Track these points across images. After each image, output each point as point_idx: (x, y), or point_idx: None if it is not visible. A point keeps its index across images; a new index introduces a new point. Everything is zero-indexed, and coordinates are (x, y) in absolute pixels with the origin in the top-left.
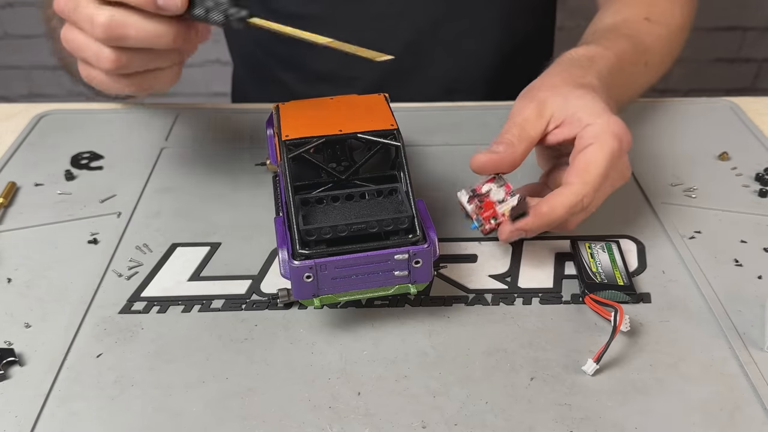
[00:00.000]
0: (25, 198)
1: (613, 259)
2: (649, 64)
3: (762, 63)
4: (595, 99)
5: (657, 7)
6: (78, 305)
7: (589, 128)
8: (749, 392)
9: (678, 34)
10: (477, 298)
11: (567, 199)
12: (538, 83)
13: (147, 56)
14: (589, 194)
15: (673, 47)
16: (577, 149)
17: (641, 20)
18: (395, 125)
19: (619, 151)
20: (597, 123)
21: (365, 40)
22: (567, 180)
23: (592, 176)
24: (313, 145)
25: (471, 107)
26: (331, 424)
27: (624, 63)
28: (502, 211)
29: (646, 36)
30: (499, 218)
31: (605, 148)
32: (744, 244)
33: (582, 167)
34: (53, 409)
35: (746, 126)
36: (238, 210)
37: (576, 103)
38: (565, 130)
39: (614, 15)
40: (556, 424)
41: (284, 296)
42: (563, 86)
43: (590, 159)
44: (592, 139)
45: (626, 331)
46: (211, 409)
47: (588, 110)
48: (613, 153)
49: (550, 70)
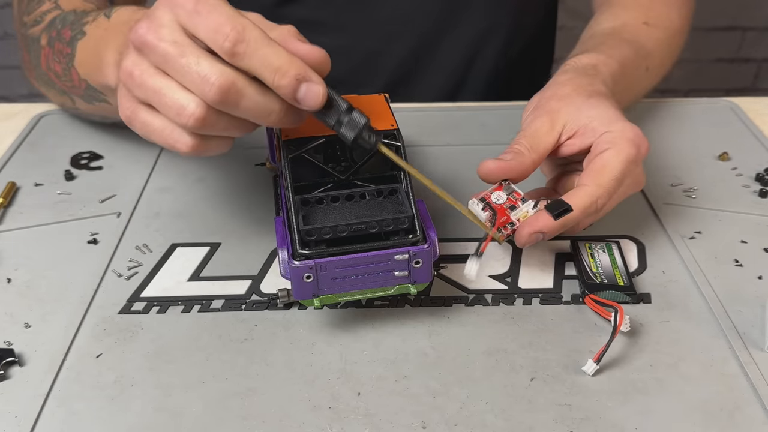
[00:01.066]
0: (25, 198)
1: (613, 260)
2: (650, 69)
3: (762, 63)
4: (608, 107)
5: (655, 11)
6: (78, 305)
7: (606, 135)
8: (749, 392)
9: (676, 37)
10: (477, 299)
11: (581, 200)
12: (549, 93)
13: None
14: (603, 196)
15: (672, 50)
16: (593, 154)
17: (640, 24)
18: (395, 125)
19: (635, 157)
20: (613, 130)
21: (371, 46)
22: (581, 182)
23: (606, 179)
24: (313, 145)
25: (471, 107)
26: (331, 424)
27: (626, 69)
28: (517, 218)
29: (646, 41)
30: (516, 224)
31: (622, 154)
32: (744, 244)
33: (597, 170)
34: (53, 409)
35: (746, 126)
36: (238, 210)
37: (590, 113)
38: (579, 141)
39: (613, 19)
40: (556, 424)
41: (284, 296)
42: (575, 96)
43: (606, 162)
44: (608, 144)
45: (626, 331)
46: (211, 409)
47: (603, 119)
48: (629, 158)
49: (558, 79)
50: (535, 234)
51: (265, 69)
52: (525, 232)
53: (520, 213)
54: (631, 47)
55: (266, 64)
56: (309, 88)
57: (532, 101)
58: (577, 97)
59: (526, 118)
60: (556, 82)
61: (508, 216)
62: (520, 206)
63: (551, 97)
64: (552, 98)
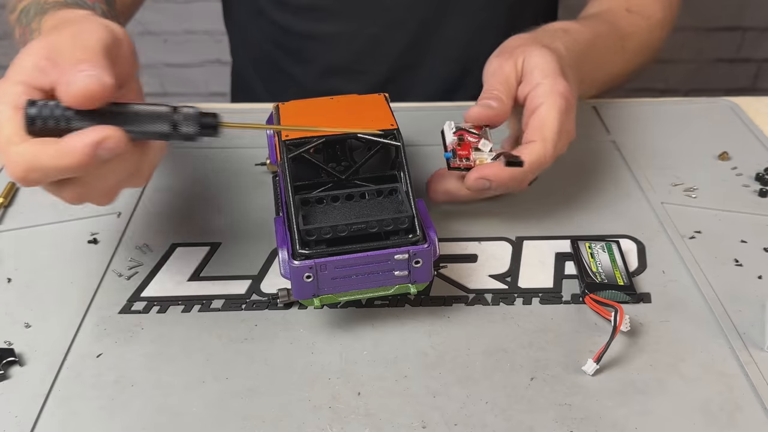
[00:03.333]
0: (25, 198)
1: (613, 259)
2: (626, 50)
3: (762, 63)
4: (550, 60)
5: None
6: (78, 305)
7: (539, 88)
8: (749, 392)
9: (658, 28)
10: (477, 298)
11: (530, 156)
12: (511, 43)
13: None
14: (549, 150)
15: (652, 40)
16: (529, 109)
17: (622, 10)
18: (395, 125)
19: (566, 107)
20: (545, 83)
21: (374, 32)
22: (527, 138)
23: (549, 133)
24: (313, 145)
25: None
26: (331, 424)
27: (599, 41)
28: (475, 158)
29: (626, 24)
30: (471, 162)
31: (554, 107)
32: (744, 244)
33: (539, 126)
34: (53, 409)
35: (746, 126)
36: (238, 210)
37: (534, 61)
38: (522, 87)
39: (597, 6)
40: (556, 424)
41: (284, 296)
42: (530, 44)
43: (544, 118)
44: (542, 99)
45: (626, 331)
46: (211, 409)
47: (540, 69)
48: (561, 110)
49: (522, 33)
50: (482, 180)
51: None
52: (473, 175)
53: (478, 156)
54: (609, 26)
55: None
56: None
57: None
58: (530, 45)
59: (492, 61)
60: (520, 36)
61: (469, 152)
62: (483, 152)
63: (514, 45)
64: (515, 46)
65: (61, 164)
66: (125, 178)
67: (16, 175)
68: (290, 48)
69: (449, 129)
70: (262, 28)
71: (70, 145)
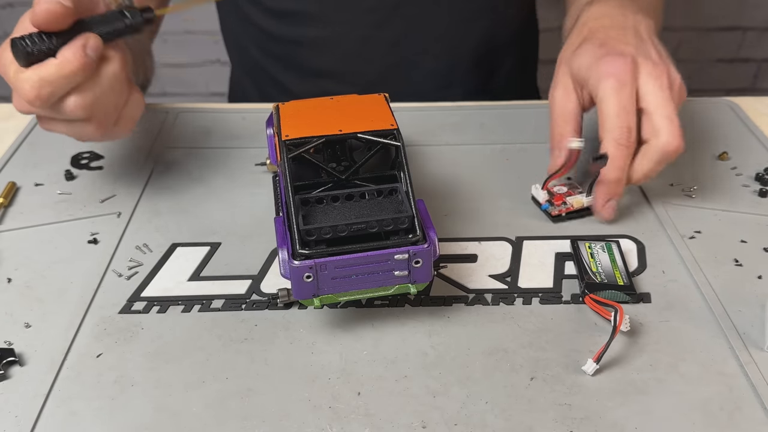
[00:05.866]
0: (25, 198)
1: (613, 259)
2: None
3: (762, 63)
4: (587, 49)
5: None
6: (78, 305)
7: (590, 82)
8: (749, 392)
9: None
10: (477, 298)
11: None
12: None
13: None
14: (622, 133)
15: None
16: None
17: None
18: (395, 125)
19: (617, 83)
20: (592, 76)
21: (360, 34)
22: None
23: (609, 123)
24: (313, 145)
25: (471, 107)
26: (331, 424)
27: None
28: (571, 201)
29: None
30: (570, 205)
31: (603, 92)
32: (744, 244)
33: (600, 122)
34: (53, 409)
35: (746, 126)
36: (238, 210)
37: (580, 64)
38: (585, 93)
39: None
40: (556, 424)
41: (284, 296)
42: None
43: (601, 111)
44: (594, 91)
45: (626, 331)
46: (211, 409)
47: (585, 66)
48: (610, 92)
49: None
50: (607, 200)
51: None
52: (599, 202)
53: (574, 200)
54: None
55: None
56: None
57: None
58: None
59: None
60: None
61: (562, 198)
62: (575, 195)
63: (559, 63)
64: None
65: (65, 71)
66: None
67: (31, 95)
68: (278, 54)
69: (536, 190)
70: (250, 35)
71: (66, 55)
